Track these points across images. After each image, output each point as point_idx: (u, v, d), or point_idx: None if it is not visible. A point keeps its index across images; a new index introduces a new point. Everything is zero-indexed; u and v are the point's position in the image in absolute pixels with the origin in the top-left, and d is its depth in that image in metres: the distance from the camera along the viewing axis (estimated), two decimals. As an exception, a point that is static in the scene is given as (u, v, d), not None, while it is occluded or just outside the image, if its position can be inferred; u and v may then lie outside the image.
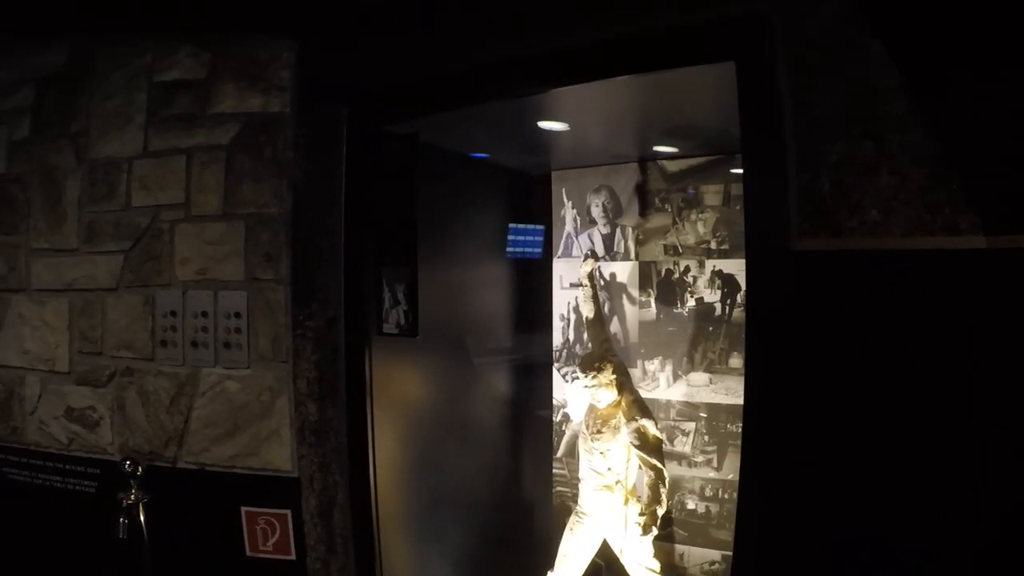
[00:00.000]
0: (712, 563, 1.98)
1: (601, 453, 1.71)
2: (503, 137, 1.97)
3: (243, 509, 1.76)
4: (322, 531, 1.73)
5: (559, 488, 2.25)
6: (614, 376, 1.70)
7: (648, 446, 1.64)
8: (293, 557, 1.74)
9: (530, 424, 2.27)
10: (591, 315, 1.90)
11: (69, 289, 1.97)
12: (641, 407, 1.69)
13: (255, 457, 1.76)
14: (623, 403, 1.71)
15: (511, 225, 2.23)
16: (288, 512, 1.72)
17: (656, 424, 1.67)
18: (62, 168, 1.99)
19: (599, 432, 1.71)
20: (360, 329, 1.71)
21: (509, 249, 2.24)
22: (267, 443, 1.74)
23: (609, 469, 1.72)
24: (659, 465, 1.63)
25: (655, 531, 1.62)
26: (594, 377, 1.68)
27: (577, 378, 1.73)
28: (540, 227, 2.28)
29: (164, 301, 1.84)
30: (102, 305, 1.93)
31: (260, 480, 1.75)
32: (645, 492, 1.64)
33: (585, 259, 1.93)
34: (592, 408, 1.76)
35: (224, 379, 1.78)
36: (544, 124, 1.77)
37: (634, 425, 1.65)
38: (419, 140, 1.66)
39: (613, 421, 1.70)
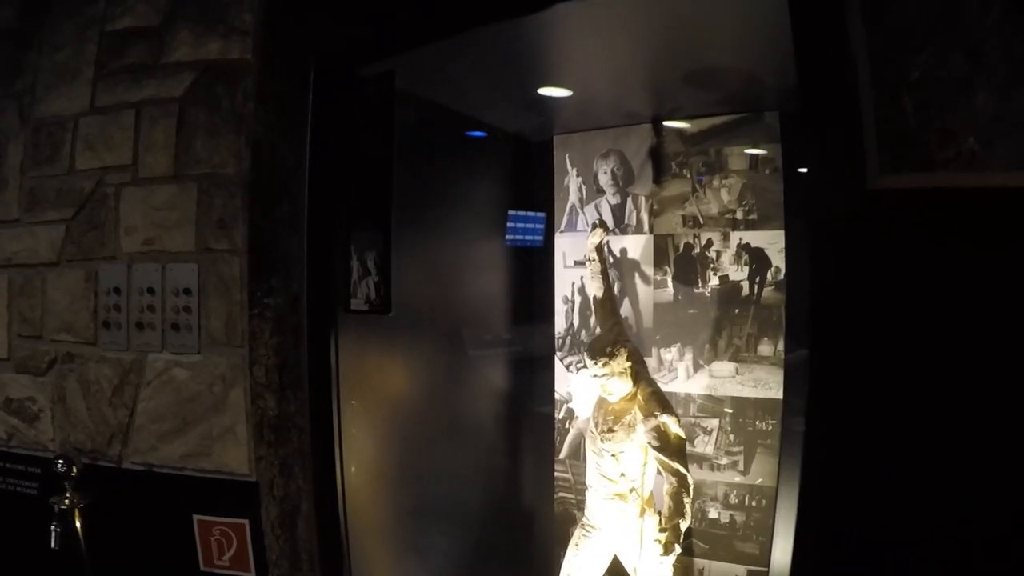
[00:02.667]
0: (738, 580, 1.76)
1: (613, 456, 1.49)
2: (498, 98, 1.77)
3: (195, 517, 1.57)
4: (284, 544, 1.52)
5: (562, 494, 2.07)
6: (629, 363, 1.47)
7: (669, 447, 1.41)
8: (252, 574, 1.53)
9: (529, 422, 2.10)
10: (600, 294, 1.67)
11: (8, 264, 1.81)
12: (661, 401, 1.46)
13: (207, 458, 1.55)
14: (639, 396, 1.48)
15: (508, 199, 2.05)
16: (246, 522, 1.53)
17: (679, 421, 1.44)
18: (5, 131, 1.82)
19: (610, 431, 1.49)
20: (326, 307, 1.50)
21: (508, 234, 2.05)
22: (220, 442, 1.54)
23: (622, 475, 1.49)
24: (683, 470, 1.40)
25: (678, 549, 1.38)
26: (605, 364, 1.45)
27: (585, 366, 1.50)
28: (540, 199, 2.09)
29: (107, 276, 1.66)
30: (42, 282, 1.76)
31: (214, 484, 1.55)
32: (665, 502, 1.41)
33: (593, 229, 1.70)
34: (602, 402, 1.53)
35: (172, 366, 1.57)
36: (545, 91, 1.57)
37: (653, 422, 1.43)
38: (395, 80, 1.43)
39: (627, 418, 1.47)
